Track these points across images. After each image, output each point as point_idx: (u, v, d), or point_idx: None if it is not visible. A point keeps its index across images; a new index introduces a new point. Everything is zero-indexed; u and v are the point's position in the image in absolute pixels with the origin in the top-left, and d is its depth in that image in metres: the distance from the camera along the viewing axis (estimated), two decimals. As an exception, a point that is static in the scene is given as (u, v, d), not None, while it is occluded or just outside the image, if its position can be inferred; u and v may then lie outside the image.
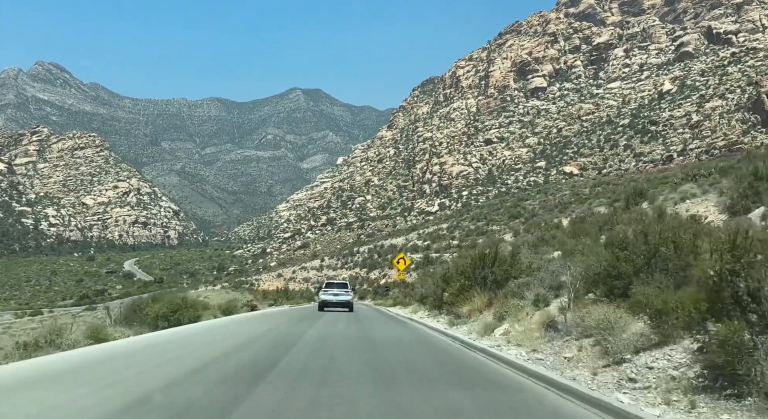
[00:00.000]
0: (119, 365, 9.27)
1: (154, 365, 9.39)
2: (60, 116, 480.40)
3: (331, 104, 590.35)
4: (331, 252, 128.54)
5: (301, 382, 7.91)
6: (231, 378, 8.00)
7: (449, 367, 10.62)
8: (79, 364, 9.25)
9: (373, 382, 8.19)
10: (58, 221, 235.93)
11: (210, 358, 10.15)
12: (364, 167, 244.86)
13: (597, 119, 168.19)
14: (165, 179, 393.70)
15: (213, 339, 14.53)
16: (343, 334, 16.37)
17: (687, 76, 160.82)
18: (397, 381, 8.38)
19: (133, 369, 8.82)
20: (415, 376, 9.07)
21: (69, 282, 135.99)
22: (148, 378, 7.81)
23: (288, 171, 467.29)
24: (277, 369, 8.99)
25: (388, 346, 13.53)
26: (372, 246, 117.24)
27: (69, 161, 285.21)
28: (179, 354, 10.88)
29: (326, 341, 14.15)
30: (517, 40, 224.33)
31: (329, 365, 9.89)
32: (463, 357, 11.85)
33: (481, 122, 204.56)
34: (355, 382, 8.04)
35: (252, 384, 7.49)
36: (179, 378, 7.82)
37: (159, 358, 10.35)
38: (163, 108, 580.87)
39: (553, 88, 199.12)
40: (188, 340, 13.75)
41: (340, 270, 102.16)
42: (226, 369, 8.86)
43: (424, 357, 11.93)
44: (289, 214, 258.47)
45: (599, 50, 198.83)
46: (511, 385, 8.58)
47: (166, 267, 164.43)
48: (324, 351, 11.92)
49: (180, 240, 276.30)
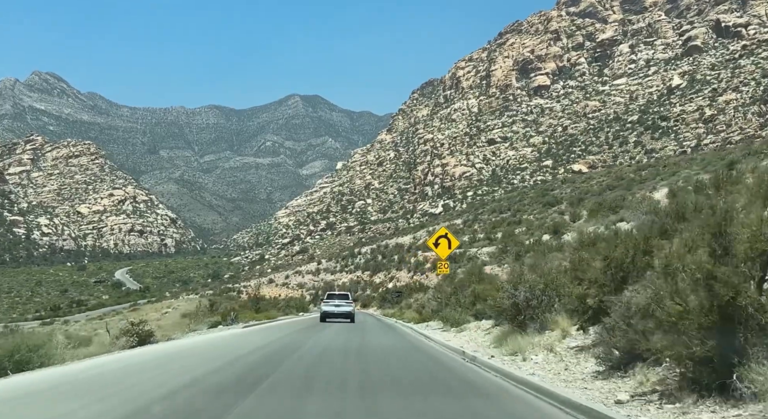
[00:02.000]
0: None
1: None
2: (57, 126, 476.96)
3: (329, 110, 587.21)
4: (330, 255, 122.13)
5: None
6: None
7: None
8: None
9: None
10: (51, 230, 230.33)
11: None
12: (364, 170, 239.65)
13: (604, 116, 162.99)
14: (163, 188, 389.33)
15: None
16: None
17: (696, 70, 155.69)
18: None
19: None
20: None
21: (53, 293, 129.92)
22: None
23: (287, 178, 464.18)
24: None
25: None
26: (375, 246, 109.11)
27: (63, 169, 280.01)
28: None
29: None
30: (518, 38, 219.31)
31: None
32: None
33: (484, 122, 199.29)
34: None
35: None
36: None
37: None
38: (161, 116, 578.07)
39: (557, 86, 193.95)
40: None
41: (339, 274, 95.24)
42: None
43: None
44: (288, 220, 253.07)
45: (603, 47, 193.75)
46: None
47: (160, 276, 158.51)
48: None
49: (177, 248, 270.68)
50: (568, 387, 8.56)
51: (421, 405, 7.73)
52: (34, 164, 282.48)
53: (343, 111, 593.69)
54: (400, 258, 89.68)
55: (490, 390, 9.18)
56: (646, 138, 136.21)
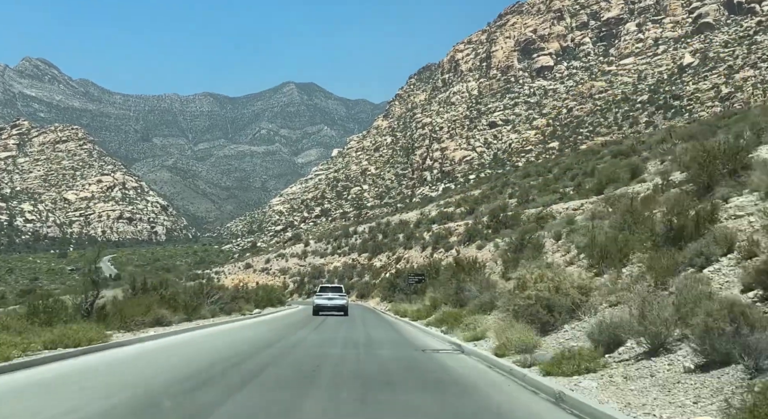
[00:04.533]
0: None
1: None
2: (48, 113, 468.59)
3: (325, 98, 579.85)
4: (320, 235, 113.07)
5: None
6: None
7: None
8: None
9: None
10: (35, 216, 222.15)
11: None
12: (360, 156, 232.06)
13: (611, 97, 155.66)
14: (156, 175, 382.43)
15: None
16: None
17: (709, 48, 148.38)
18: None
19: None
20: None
21: (22, 281, 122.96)
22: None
23: (282, 166, 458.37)
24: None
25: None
26: (374, 224, 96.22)
27: (50, 155, 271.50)
28: None
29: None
30: (519, 18, 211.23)
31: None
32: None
33: (485, 105, 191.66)
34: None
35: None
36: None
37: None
38: (155, 104, 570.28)
39: (560, 67, 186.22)
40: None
41: (331, 258, 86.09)
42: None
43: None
44: (282, 207, 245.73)
45: (609, 26, 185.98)
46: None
47: (144, 264, 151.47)
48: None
49: (168, 236, 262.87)
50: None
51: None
52: (20, 149, 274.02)
53: (339, 99, 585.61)
54: (408, 235, 76.32)
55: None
56: (658, 118, 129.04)
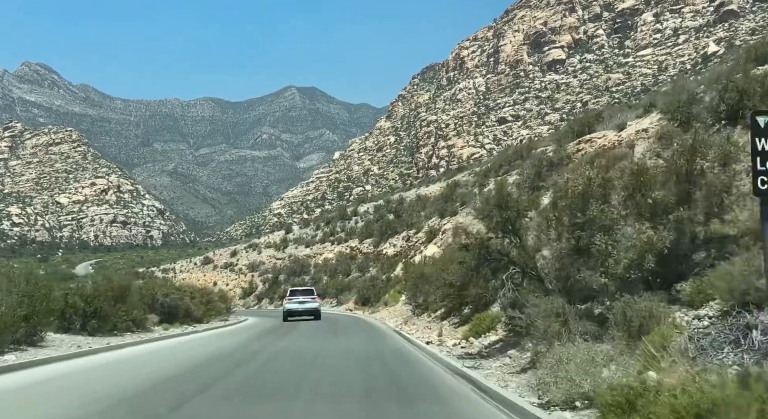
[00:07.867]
0: None
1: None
2: (48, 118, 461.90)
3: (327, 102, 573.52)
4: (306, 219, 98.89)
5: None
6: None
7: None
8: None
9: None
10: (23, 220, 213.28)
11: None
12: (363, 157, 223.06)
13: (630, 90, 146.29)
14: (156, 180, 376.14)
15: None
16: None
17: (734, 36, 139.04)
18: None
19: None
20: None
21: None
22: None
23: (284, 171, 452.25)
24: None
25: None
26: (382, 202, 77.54)
27: (43, 157, 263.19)
28: None
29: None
30: (528, 11, 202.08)
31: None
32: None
33: (493, 101, 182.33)
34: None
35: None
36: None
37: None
38: (156, 109, 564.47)
39: (573, 60, 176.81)
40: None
41: (321, 246, 68.40)
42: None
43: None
44: (282, 210, 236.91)
45: (624, 17, 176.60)
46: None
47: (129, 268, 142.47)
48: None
49: (165, 240, 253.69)
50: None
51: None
52: (13, 152, 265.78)
53: (341, 103, 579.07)
54: (438, 208, 54.72)
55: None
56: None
